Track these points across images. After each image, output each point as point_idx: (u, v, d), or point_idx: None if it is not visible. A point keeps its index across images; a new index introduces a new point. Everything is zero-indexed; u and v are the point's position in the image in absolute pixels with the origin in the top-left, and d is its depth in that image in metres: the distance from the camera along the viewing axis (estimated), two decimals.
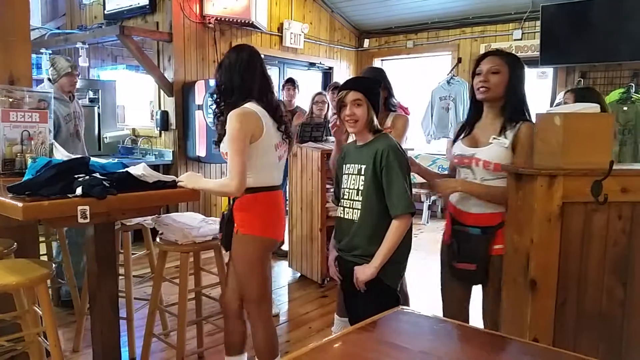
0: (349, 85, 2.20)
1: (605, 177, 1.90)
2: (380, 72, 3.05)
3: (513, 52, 6.31)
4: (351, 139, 2.44)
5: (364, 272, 2.12)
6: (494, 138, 2.17)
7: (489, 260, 2.20)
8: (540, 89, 6.17)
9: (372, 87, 2.23)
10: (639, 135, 5.11)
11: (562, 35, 5.68)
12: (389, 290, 2.16)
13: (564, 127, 1.93)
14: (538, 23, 5.91)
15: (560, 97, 5.15)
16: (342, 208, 2.25)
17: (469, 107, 2.39)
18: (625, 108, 5.17)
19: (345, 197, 2.23)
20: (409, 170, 2.19)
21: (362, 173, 2.16)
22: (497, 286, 2.17)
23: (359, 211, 2.16)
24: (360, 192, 2.16)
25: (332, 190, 2.91)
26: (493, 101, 2.22)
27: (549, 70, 6.19)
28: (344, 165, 2.27)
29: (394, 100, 3.02)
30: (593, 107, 2.14)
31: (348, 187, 2.21)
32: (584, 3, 5.55)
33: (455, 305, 2.39)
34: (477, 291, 2.35)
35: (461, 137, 2.32)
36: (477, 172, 2.21)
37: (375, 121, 2.19)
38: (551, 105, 5.62)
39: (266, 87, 2.33)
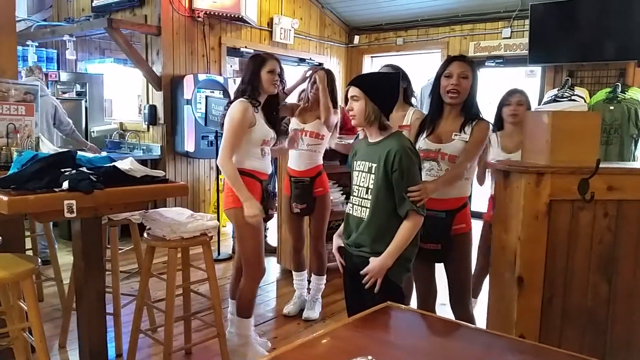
0: (351, 80, 2.20)
1: (592, 175, 1.92)
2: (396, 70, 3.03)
3: (502, 50, 6.39)
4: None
5: (380, 269, 2.07)
6: (456, 134, 2.42)
7: (452, 239, 2.42)
8: (528, 87, 6.21)
9: (373, 83, 2.17)
10: (625, 134, 5.17)
11: (550, 34, 5.72)
12: (393, 286, 2.12)
13: (552, 125, 1.95)
14: (527, 22, 5.95)
15: (547, 96, 5.20)
16: (351, 205, 2.25)
17: (432, 105, 2.54)
18: (611, 107, 5.22)
19: (355, 194, 2.22)
20: (420, 170, 2.19)
21: (373, 172, 2.14)
22: (457, 262, 2.48)
23: (368, 209, 2.14)
24: (369, 190, 2.14)
25: None
26: (458, 104, 2.43)
27: (537, 69, 6.23)
28: (355, 162, 2.26)
29: (415, 94, 3.08)
30: (581, 106, 2.17)
31: (358, 184, 2.20)
32: (572, 2, 5.59)
33: (423, 283, 2.61)
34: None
35: (424, 135, 2.51)
36: (443, 164, 2.43)
37: (375, 117, 2.12)
38: (539, 104, 5.66)
39: None
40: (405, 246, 2.08)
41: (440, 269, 2.59)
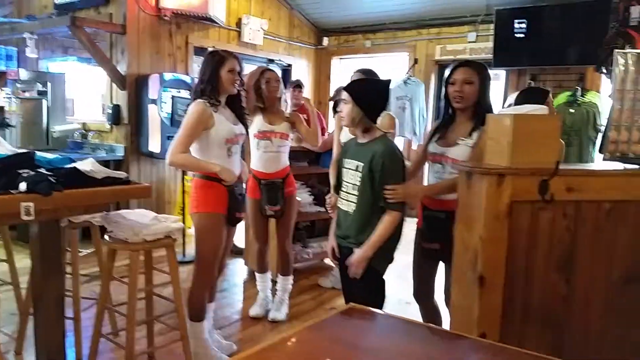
0: (345, 85, 2.43)
1: (551, 177, 1.96)
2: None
3: (467, 54, 6.49)
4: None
5: (361, 260, 2.31)
6: (461, 139, 2.44)
7: (452, 240, 2.37)
8: (492, 90, 6.32)
9: (360, 89, 2.39)
10: (584, 136, 5.33)
11: (514, 39, 5.85)
12: (375, 274, 2.37)
13: (514, 127, 1.99)
14: (492, 26, 6.07)
15: (511, 98, 5.31)
16: (340, 200, 2.49)
17: (444, 112, 2.57)
18: (571, 110, 5.37)
19: (344, 189, 2.46)
20: (404, 172, 2.37)
21: (359, 170, 2.35)
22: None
23: (355, 204, 2.38)
24: (356, 187, 2.37)
25: None
26: (466, 108, 2.45)
27: (501, 73, 6.37)
28: (344, 160, 2.48)
29: None
30: (541, 109, 2.22)
31: (347, 181, 2.44)
32: (536, 8, 5.73)
33: (422, 281, 2.68)
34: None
35: (435, 139, 2.56)
36: (447, 167, 2.47)
37: (359, 120, 2.34)
38: (502, 107, 5.78)
39: None
40: (385, 238, 2.30)
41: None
